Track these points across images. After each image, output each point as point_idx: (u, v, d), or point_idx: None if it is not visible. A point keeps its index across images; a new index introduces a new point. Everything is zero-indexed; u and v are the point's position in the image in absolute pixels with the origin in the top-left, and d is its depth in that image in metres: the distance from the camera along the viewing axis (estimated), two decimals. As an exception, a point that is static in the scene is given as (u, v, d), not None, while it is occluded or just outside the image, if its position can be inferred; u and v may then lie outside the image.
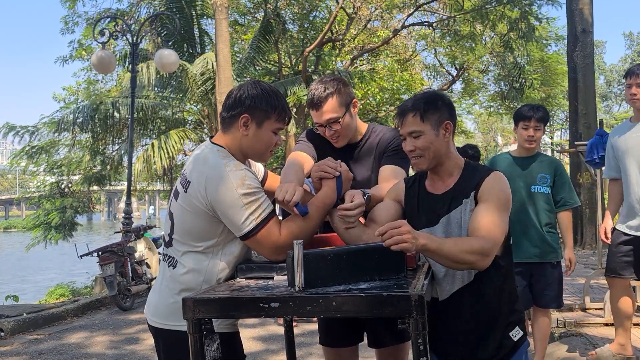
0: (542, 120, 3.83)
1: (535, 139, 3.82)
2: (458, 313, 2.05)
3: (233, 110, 2.08)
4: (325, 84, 2.52)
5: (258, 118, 2.08)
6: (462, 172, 2.10)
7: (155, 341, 2.18)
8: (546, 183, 3.82)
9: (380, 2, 17.07)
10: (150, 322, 2.13)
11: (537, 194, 3.81)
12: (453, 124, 2.09)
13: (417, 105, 2.06)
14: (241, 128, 2.07)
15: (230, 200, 1.94)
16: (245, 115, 2.06)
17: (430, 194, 2.13)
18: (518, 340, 2.06)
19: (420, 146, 2.05)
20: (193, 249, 2.02)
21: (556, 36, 20.34)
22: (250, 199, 1.96)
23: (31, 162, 15.94)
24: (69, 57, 17.80)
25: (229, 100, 2.11)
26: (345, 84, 2.57)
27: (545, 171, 3.83)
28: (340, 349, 2.72)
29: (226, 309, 1.74)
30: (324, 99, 2.49)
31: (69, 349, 5.75)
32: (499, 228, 1.94)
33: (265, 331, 6.07)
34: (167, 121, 15.24)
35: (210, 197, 1.96)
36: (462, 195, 2.04)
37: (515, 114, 3.93)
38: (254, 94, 2.08)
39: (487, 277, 2.01)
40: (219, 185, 1.96)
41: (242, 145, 2.10)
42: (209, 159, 2.04)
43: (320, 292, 1.70)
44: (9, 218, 68.04)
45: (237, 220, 1.96)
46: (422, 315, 1.60)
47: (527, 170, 3.84)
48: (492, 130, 41.46)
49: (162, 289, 2.10)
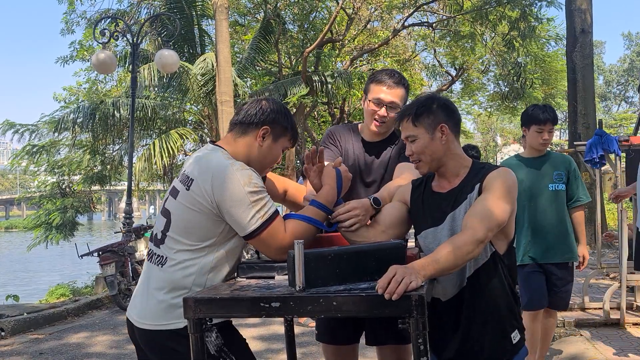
0: (555, 122, 3.78)
1: (550, 141, 3.79)
2: (459, 313, 2.04)
3: (255, 119, 2.12)
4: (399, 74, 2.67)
5: (276, 133, 2.14)
6: (468, 171, 2.09)
7: (142, 344, 2.09)
8: (562, 179, 3.78)
9: (380, 3, 17.07)
10: (138, 324, 2.06)
11: (555, 192, 3.76)
12: (452, 126, 2.08)
13: (409, 110, 2.08)
14: (258, 138, 2.12)
15: (236, 197, 1.95)
16: (266, 128, 2.12)
17: (436, 193, 2.12)
18: (517, 343, 2.05)
19: (415, 150, 2.06)
20: (188, 247, 2.00)
21: (556, 35, 20.36)
22: (256, 197, 1.97)
23: (32, 162, 15.95)
24: (70, 57, 17.81)
25: (251, 110, 2.14)
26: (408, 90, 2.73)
27: (559, 168, 3.79)
28: (337, 346, 2.72)
29: (227, 308, 1.75)
30: (399, 84, 2.62)
31: (69, 348, 5.76)
32: (492, 215, 1.90)
33: (266, 330, 6.08)
34: (168, 121, 15.24)
35: (216, 195, 1.96)
36: (467, 191, 2.03)
37: (527, 117, 3.81)
38: (277, 109, 2.15)
39: (488, 278, 2.01)
40: (225, 182, 1.96)
41: (252, 154, 2.12)
42: (214, 159, 2.05)
43: (320, 291, 1.70)
44: (9, 218, 68.03)
45: (243, 219, 1.96)
46: (423, 315, 1.61)
47: (542, 170, 3.79)
48: (491, 131, 41.45)
49: (149, 290, 2.06)
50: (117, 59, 12.42)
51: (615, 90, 55.66)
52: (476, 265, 2.01)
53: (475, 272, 2.02)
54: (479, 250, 1.87)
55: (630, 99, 53.37)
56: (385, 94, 2.60)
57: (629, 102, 53.49)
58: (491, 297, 2.03)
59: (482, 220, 1.88)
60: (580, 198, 3.81)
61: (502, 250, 2.03)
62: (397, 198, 2.23)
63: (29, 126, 15.33)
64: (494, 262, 2.02)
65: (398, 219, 2.16)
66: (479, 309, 2.03)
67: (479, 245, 1.86)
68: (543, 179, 3.76)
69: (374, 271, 1.78)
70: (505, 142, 42.30)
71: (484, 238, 1.87)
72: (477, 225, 1.87)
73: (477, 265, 2.01)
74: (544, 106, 3.85)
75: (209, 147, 2.16)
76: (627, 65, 53.89)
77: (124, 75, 17.61)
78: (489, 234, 1.89)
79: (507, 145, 41.78)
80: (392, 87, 2.60)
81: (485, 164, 2.15)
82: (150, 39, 13.83)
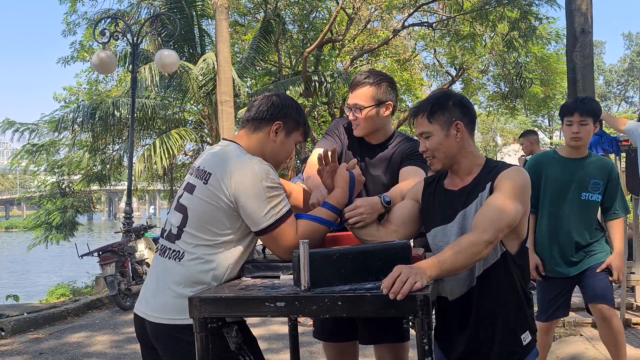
0: (589, 114, 3.29)
1: (582, 135, 3.30)
2: (467, 313, 2.02)
3: (267, 115, 2.13)
4: (371, 73, 2.62)
5: (289, 128, 2.16)
6: (481, 170, 2.07)
7: (154, 339, 2.06)
8: (598, 189, 3.31)
9: (380, 3, 17.08)
10: (151, 319, 2.03)
11: (587, 202, 3.31)
12: (467, 123, 2.06)
13: (425, 106, 2.05)
14: (272, 133, 2.13)
15: (254, 191, 1.95)
16: (279, 122, 2.13)
17: (448, 190, 2.11)
18: (528, 344, 2.02)
19: (430, 147, 2.04)
20: (206, 242, 1.99)
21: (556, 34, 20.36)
22: (273, 193, 1.98)
23: (32, 162, 15.95)
24: (70, 58, 17.81)
25: (264, 105, 2.16)
26: (391, 85, 2.63)
27: (597, 176, 3.31)
28: (336, 343, 2.72)
29: (232, 308, 1.76)
30: (360, 84, 2.58)
31: (69, 348, 5.75)
32: (503, 216, 1.88)
33: (266, 330, 6.08)
34: (168, 121, 15.25)
35: (234, 187, 1.96)
36: (479, 189, 2.01)
37: (560, 109, 3.46)
38: (289, 104, 2.17)
39: (498, 278, 1.99)
40: (244, 175, 1.97)
41: (266, 150, 2.14)
42: (232, 153, 2.06)
43: (326, 291, 1.71)
44: (9, 218, 67.98)
45: (258, 213, 1.96)
46: (428, 316, 1.61)
47: (578, 175, 3.32)
48: (491, 131, 41.43)
49: (164, 284, 2.02)
50: (117, 59, 12.43)
51: (615, 90, 55.67)
52: (486, 265, 1.99)
53: (485, 272, 2.00)
54: (488, 251, 1.86)
55: (630, 99, 53.44)
56: (350, 98, 2.62)
57: (629, 102, 53.55)
58: (500, 298, 2.00)
59: (492, 221, 1.87)
60: (616, 211, 3.36)
61: (513, 250, 2.01)
62: (410, 196, 2.22)
63: (29, 125, 15.33)
64: (504, 262, 2.00)
65: (410, 217, 2.14)
66: (488, 309, 2.00)
67: (488, 246, 1.85)
68: (576, 186, 3.31)
69: (379, 271, 1.78)
70: (505, 142, 42.27)
71: (493, 239, 1.86)
72: (486, 226, 1.86)
73: (487, 265, 2.00)
74: (579, 97, 3.44)
75: (224, 142, 2.17)
76: (627, 65, 53.95)
77: (124, 75, 17.61)
78: (498, 235, 1.88)
79: (507, 145, 41.75)
80: (355, 89, 2.60)
81: (498, 162, 2.12)
82: (150, 39, 13.82)
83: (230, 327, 1.91)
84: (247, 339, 2.01)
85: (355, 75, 2.68)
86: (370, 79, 2.57)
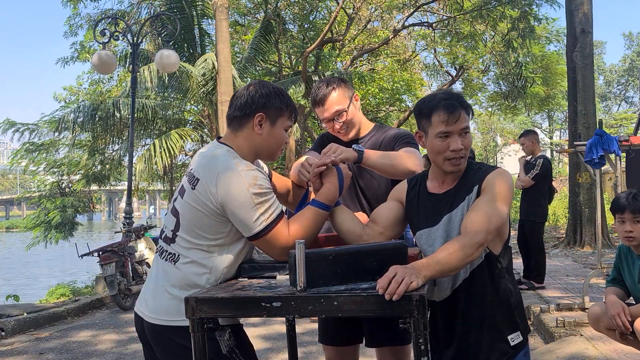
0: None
1: (635, 235, 3.07)
2: (453, 314, 2.02)
3: (246, 109, 2.07)
4: (326, 81, 2.67)
5: (272, 116, 2.09)
6: (464, 172, 2.07)
7: (150, 339, 2.07)
8: None
9: (380, 3, 17.09)
10: (148, 319, 2.04)
11: None
12: None
13: (464, 103, 2.02)
14: (256, 127, 2.07)
15: (241, 199, 1.93)
16: (261, 114, 2.07)
17: (432, 194, 2.10)
18: (517, 345, 2.01)
19: (466, 145, 2.00)
20: (199, 247, 1.99)
21: (557, 33, 20.35)
22: (261, 199, 1.95)
23: (31, 161, 15.95)
24: (70, 58, 17.82)
25: (241, 100, 2.10)
26: (344, 80, 2.71)
27: None
28: (339, 347, 2.73)
29: (228, 308, 1.75)
30: (328, 93, 2.61)
31: (69, 348, 5.76)
32: (492, 218, 1.89)
33: (268, 330, 6.08)
34: (168, 121, 15.25)
35: (220, 196, 1.94)
36: (465, 192, 2.01)
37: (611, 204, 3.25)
38: (266, 92, 2.09)
39: (483, 279, 2.00)
40: (230, 183, 1.94)
41: (255, 144, 2.09)
42: (219, 157, 2.02)
43: (322, 291, 1.70)
44: (9, 218, 68.03)
45: (248, 220, 1.95)
46: (424, 316, 1.61)
47: None
48: (491, 131, 41.42)
49: (161, 285, 2.03)
50: (118, 59, 12.43)
51: (616, 90, 55.63)
52: (471, 267, 2.00)
53: (471, 274, 2.00)
54: (479, 253, 1.87)
55: (630, 99, 53.39)
56: (326, 111, 2.63)
57: (629, 102, 53.51)
58: (486, 299, 2.00)
59: (482, 223, 1.88)
60: None
61: (497, 250, 2.02)
62: (393, 197, 2.22)
63: (29, 125, 15.33)
64: (488, 263, 2.00)
65: (395, 219, 2.15)
66: (475, 311, 2.00)
67: (479, 249, 1.85)
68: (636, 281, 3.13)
69: (375, 271, 1.77)
70: (505, 142, 42.28)
71: (484, 241, 1.87)
72: (477, 228, 1.86)
73: (472, 267, 2.00)
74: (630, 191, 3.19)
75: (214, 144, 2.13)
76: (627, 65, 53.93)
77: (124, 75, 17.62)
78: (488, 237, 1.89)
79: (507, 145, 41.75)
80: (325, 100, 2.62)
81: (480, 164, 2.13)
82: (150, 39, 13.83)
83: (223, 330, 1.90)
84: (241, 344, 2.00)
85: (313, 93, 2.68)
86: (330, 85, 2.63)
